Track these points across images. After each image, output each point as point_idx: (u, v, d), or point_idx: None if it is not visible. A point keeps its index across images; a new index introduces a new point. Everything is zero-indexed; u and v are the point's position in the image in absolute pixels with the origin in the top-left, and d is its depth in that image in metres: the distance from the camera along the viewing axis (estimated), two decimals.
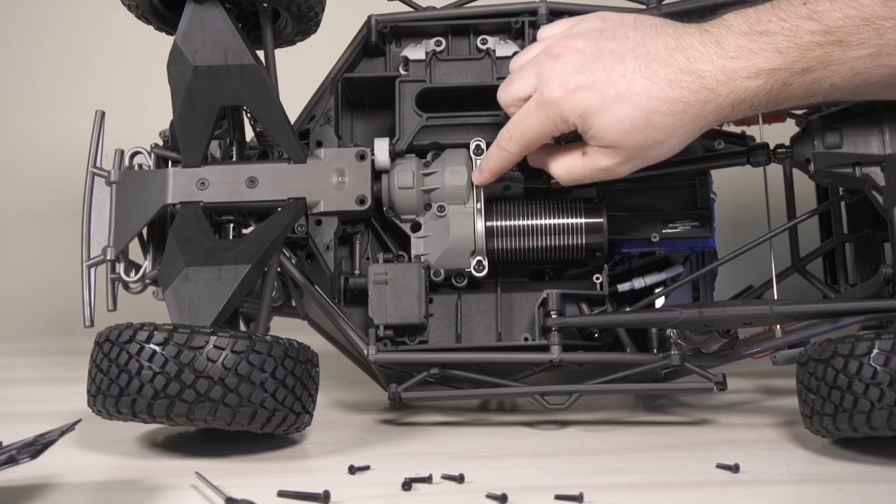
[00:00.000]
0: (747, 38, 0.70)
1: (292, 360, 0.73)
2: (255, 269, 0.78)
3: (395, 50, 0.89)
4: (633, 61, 0.72)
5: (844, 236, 0.95)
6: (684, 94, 0.71)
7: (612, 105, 0.72)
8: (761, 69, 0.70)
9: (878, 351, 0.66)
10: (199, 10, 0.83)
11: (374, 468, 0.70)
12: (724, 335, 0.83)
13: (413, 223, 0.84)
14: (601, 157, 0.75)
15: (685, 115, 0.72)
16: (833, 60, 0.69)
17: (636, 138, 0.73)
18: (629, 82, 0.72)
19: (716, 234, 0.86)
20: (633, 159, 0.75)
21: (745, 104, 0.72)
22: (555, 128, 0.75)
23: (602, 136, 0.73)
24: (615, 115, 0.72)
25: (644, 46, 0.73)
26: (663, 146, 0.74)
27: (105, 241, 0.83)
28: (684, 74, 0.71)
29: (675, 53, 0.72)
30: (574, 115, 0.73)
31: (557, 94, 0.74)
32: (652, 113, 0.72)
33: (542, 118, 0.75)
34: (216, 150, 0.89)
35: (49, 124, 1.43)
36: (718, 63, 0.71)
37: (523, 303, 0.84)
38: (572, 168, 0.77)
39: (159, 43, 0.90)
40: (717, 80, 0.71)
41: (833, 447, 0.73)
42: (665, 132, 0.73)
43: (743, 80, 0.70)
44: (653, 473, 0.69)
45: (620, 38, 0.74)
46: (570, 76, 0.74)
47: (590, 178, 0.77)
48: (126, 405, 0.70)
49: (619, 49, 0.73)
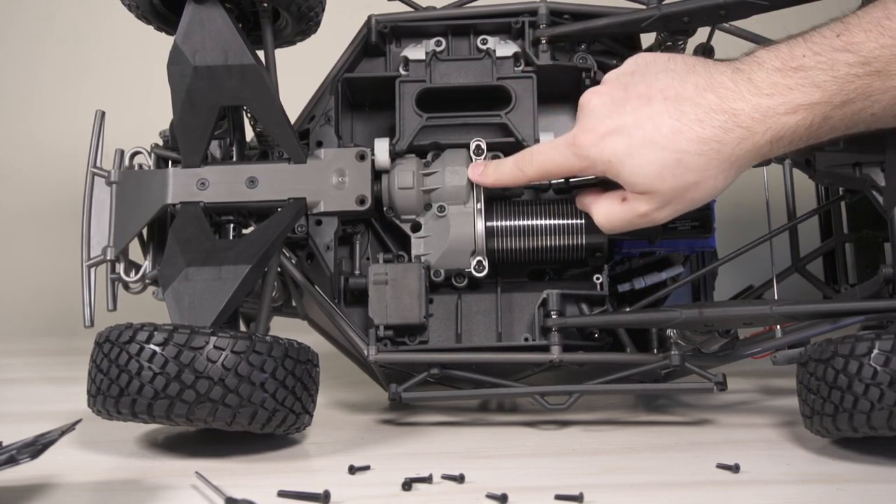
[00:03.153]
0: (781, 74, 0.69)
1: (292, 360, 0.72)
2: (255, 269, 0.78)
3: (395, 50, 0.89)
4: (660, 103, 0.72)
5: (844, 236, 0.95)
6: (716, 132, 0.70)
7: (640, 148, 0.71)
8: (799, 104, 0.69)
9: (878, 351, 0.66)
10: (199, 10, 0.83)
11: (374, 468, 0.70)
12: (724, 335, 0.83)
13: (413, 223, 0.84)
14: (638, 203, 0.74)
15: (719, 155, 0.70)
16: (873, 91, 0.68)
17: (669, 181, 0.72)
18: (657, 124, 0.71)
19: (716, 234, 0.86)
20: (670, 203, 0.73)
21: (785, 140, 0.70)
22: (580, 169, 0.75)
23: (633, 182, 0.73)
24: (644, 159, 0.71)
25: (673, 88, 0.72)
26: (701, 188, 0.72)
27: (105, 241, 0.83)
28: (715, 113, 0.70)
29: (706, 93, 0.71)
30: (602, 160, 0.73)
31: (588, 137, 0.74)
32: (682, 153, 0.71)
33: (569, 156, 0.75)
34: (216, 150, 0.89)
35: (49, 124, 1.43)
36: (752, 101, 0.70)
37: (523, 303, 0.84)
38: (612, 215, 0.76)
39: (159, 43, 0.90)
40: (752, 117, 0.70)
41: (833, 447, 0.73)
42: (699, 173, 0.71)
43: (780, 117, 0.69)
44: (653, 473, 0.69)
45: (650, 81, 0.73)
46: (600, 122, 0.73)
47: (630, 224, 0.76)
48: (126, 405, 0.70)
49: (647, 92, 0.73)
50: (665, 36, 0.88)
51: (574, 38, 0.87)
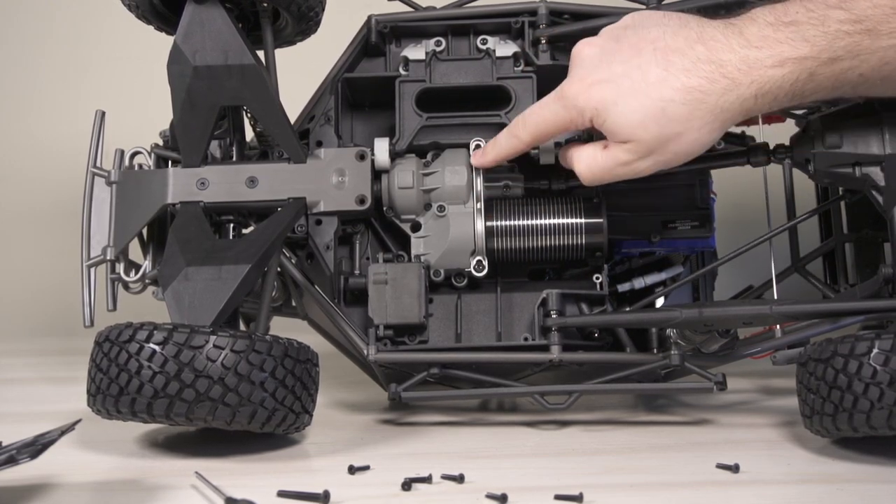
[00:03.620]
0: (773, 28, 0.70)
1: (292, 359, 0.72)
2: (255, 269, 0.78)
3: (395, 50, 0.89)
4: (650, 53, 0.72)
5: (844, 236, 0.95)
6: (701, 82, 0.71)
7: (627, 96, 0.72)
8: (786, 58, 0.69)
9: (877, 351, 0.66)
10: (199, 10, 0.83)
11: (374, 468, 0.70)
12: (724, 335, 0.83)
13: (413, 223, 0.84)
14: (620, 152, 0.74)
15: (703, 105, 0.71)
16: (862, 50, 0.68)
17: (652, 130, 0.72)
18: (644, 73, 0.72)
19: (716, 234, 0.86)
20: (652, 153, 0.73)
21: (770, 96, 0.71)
22: (570, 121, 0.75)
23: (617, 129, 0.73)
24: (628, 106, 0.72)
25: (664, 39, 0.73)
26: (683, 139, 0.72)
27: (105, 241, 0.83)
28: (702, 64, 0.71)
29: (695, 45, 0.71)
30: (590, 108, 0.73)
31: (575, 87, 0.74)
32: (666, 102, 0.71)
33: (558, 109, 0.75)
34: (216, 150, 0.89)
35: (49, 124, 1.43)
36: (740, 52, 0.70)
37: (523, 303, 0.84)
38: (594, 164, 0.76)
39: (159, 43, 0.90)
40: (739, 69, 0.70)
41: (833, 447, 0.73)
42: (682, 123, 0.72)
43: (767, 70, 0.70)
44: (653, 473, 0.69)
45: (642, 34, 0.74)
46: (589, 71, 0.74)
47: (612, 174, 0.76)
48: (126, 405, 0.70)
49: (638, 43, 0.73)
50: None
51: (574, 38, 0.86)
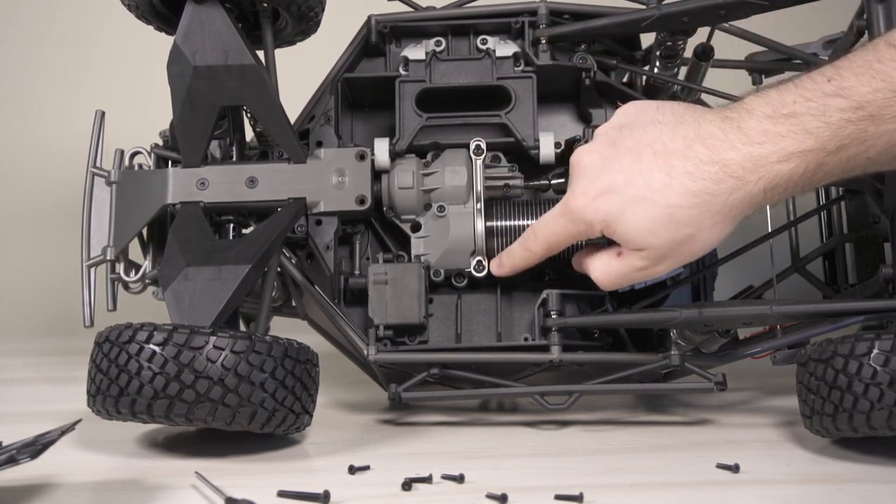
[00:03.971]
0: (772, 121, 0.68)
1: (292, 360, 0.72)
2: (255, 269, 0.78)
3: (395, 50, 0.89)
4: (650, 158, 0.71)
5: (844, 236, 0.95)
6: (706, 185, 0.69)
7: (633, 206, 0.71)
8: (792, 152, 0.67)
9: (878, 351, 0.66)
10: (199, 10, 0.83)
11: (374, 468, 0.70)
12: (724, 335, 0.83)
13: (413, 223, 0.84)
14: (634, 259, 0.73)
15: (712, 206, 0.69)
16: (868, 136, 0.66)
17: (663, 236, 0.71)
18: (647, 180, 0.70)
19: None
20: (667, 257, 0.72)
21: (779, 189, 0.69)
22: (580, 234, 0.75)
23: (628, 239, 0.72)
24: (636, 216, 0.71)
25: (662, 141, 0.71)
26: (696, 241, 0.71)
27: (105, 241, 0.83)
28: (705, 165, 0.69)
29: (695, 144, 0.70)
30: (598, 220, 0.72)
31: (580, 201, 0.73)
32: (673, 208, 0.70)
33: (566, 224, 0.75)
34: (216, 150, 0.89)
35: (49, 124, 1.43)
36: (743, 150, 0.68)
37: (523, 303, 0.84)
38: (610, 272, 0.75)
39: (159, 43, 0.90)
40: (744, 167, 0.68)
41: (833, 447, 0.73)
42: (692, 226, 0.70)
43: (773, 165, 0.67)
44: (653, 473, 0.69)
45: (638, 135, 0.72)
46: (591, 182, 0.73)
47: (628, 279, 0.75)
48: (126, 405, 0.70)
49: (636, 147, 0.72)
50: (665, 36, 0.88)
51: (574, 38, 0.87)
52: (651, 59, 0.91)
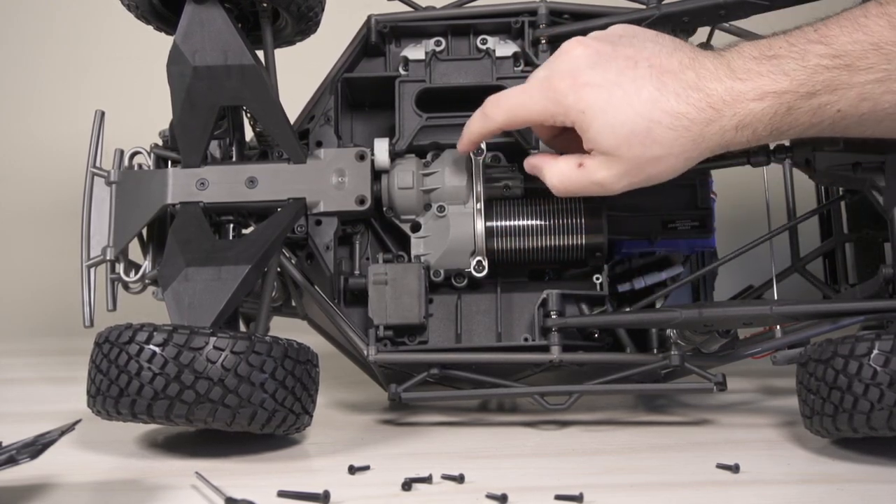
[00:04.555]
0: (756, 61, 0.70)
1: (292, 360, 0.72)
2: (254, 269, 0.77)
3: (395, 50, 0.89)
4: (645, 69, 0.72)
5: (844, 236, 0.95)
6: (689, 109, 0.71)
7: (617, 107, 0.71)
8: (766, 91, 0.70)
9: (878, 351, 0.66)
10: (199, 10, 0.83)
11: (374, 468, 0.70)
12: (724, 335, 0.83)
13: (413, 223, 0.84)
14: (597, 168, 0.73)
15: (687, 133, 0.71)
16: (840, 84, 0.69)
17: (635, 149, 0.71)
18: (637, 88, 0.71)
19: (716, 234, 0.86)
20: (629, 174, 0.73)
21: (749, 129, 0.71)
22: (551, 115, 0.74)
23: (600, 139, 0.72)
24: (616, 119, 0.71)
25: (659, 58, 0.72)
26: (661, 164, 0.72)
27: (105, 241, 0.83)
28: (692, 90, 0.71)
29: (687, 70, 0.72)
30: (576, 109, 0.72)
31: (566, 83, 0.73)
32: (654, 123, 0.71)
33: (541, 99, 0.74)
34: (216, 150, 0.89)
35: (49, 124, 1.43)
36: (726, 83, 0.70)
37: (523, 303, 0.84)
38: (567, 178, 0.75)
39: (159, 43, 0.90)
40: (724, 100, 0.70)
41: (833, 447, 0.73)
42: (665, 147, 0.71)
43: (748, 103, 0.70)
44: (653, 473, 0.69)
45: (638, 47, 0.73)
46: (581, 70, 0.73)
47: (583, 190, 0.75)
48: (125, 406, 0.69)
49: (634, 55, 0.73)
50: None
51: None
52: None
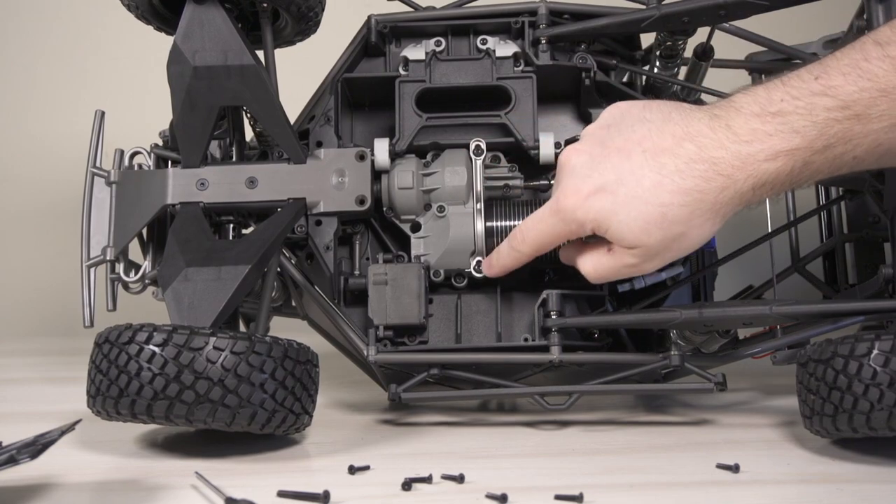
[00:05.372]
0: (760, 119, 0.68)
1: (292, 360, 0.72)
2: (254, 269, 0.78)
3: (395, 50, 0.89)
4: (639, 156, 0.71)
5: (844, 236, 0.95)
6: (697, 182, 0.69)
7: (625, 205, 0.70)
8: (779, 151, 0.67)
9: (877, 352, 0.66)
10: (199, 10, 0.83)
11: (374, 468, 0.70)
12: (724, 335, 0.83)
13: (413, 223, 0.84)
14: (626, 256, 0.73)
15: (702, 204, 0.69)
16: (854, 135, 0.66)
17: (655, 235, 0.71)
18: (638, 179, 0.70)
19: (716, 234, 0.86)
20: (658, 255, 0.72)
21: (767, 187, 0.69)
22: (570, 233, 0.74)
23: (621, 238, 0.72)
24: (629, 216, 0.70)
25: (651, 139, 0.71)
26: (687, 238, 0.71)
27: (105, 241, 0.83)
28: (695, 163, 0.69)
29: (684, 142, 0.70)
30: (589, 220, 0.72)
31: (571, 200, 0.73)
32: (665, 207, 0.70)
33: (556, 223, 0.74)
34: (216, 150, 0.89)
35: (49, 124, 1.43)
36: (731, 148, 0.68)
37: (523, 303, 0.84)
38: (600, 267, 0.75)
39: (159, 43, 0.90)
40: (733, 165, 0.68)
41: (833, 447, 0.73)
42: (684, 224, 0.70)
43: (760, 164, 0.68)
44: (653, 473, 0.69)
45: (627, 135, 0.72)
46: (582, 180, 0.72)
47: (619, 275, 0.75)
48: (125, 406, 0.69)
49: (625, 146, 0.72)
50: (665, 36, 0.88)
51: (574, 38, 0.87)
52: (651, 59, 0.91)
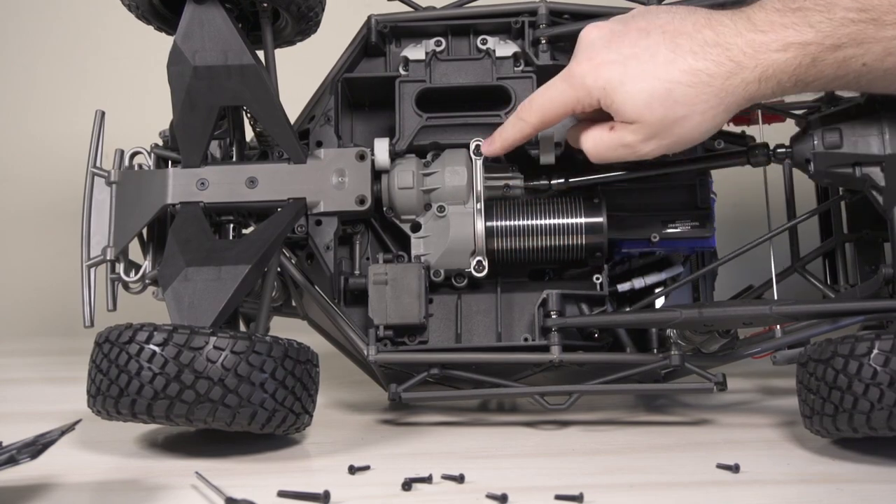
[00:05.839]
0: (780, 13, 0.71)
1: (292, 360, 0.72)
2: (255, 269, 0.78)
3: (395, 50, 0.89)
4: (658, 35, 0.73)
5: (844, 236, 0.95)
6: (708, 65, 0.71)
7: (634, 77, 0.72)
8: (790, 42, 0.70)
9: (877, 351, 0.66)
10: (199, 10, 0.83)
11: (374, 468, 0.70)
12: (724, 335, 0.83)
13: (413, 223, 0.84)
14: (625, 132, 0.74)
15: (708, 88, 0.72)
16: (866, 38, 0.69)
17: (657, 111, 0.72)
18: (652, 54, 0.72)
19: (716, 234, 0.86)
20: (657, 136, 0.74)
21: (773, 80, 0.71)
22: (577, 100, 0.75)
23: (623, 110, 0.73)
24: (635, 87, 0.72)
25: (673, 24, 0.74)
26: (687, 123, 0.73)
27: (105, 241, 0.83)
28: (709, 47, 0.72)
29: (703, 29, 0.72)
30: (597, 87, 0.74)
31: (584, 66, 0.75)
32: (673, 83, 0.72)
33: (566, 89, 0.76)
34: (216, 150, 0.89)
35: (49, 124, 1.43)
36: (747, 36, 0.71)
37: (523, 303, 0.84)
38: (600, 143, 0.76)
39: (159, 43, 0.90)
40: (744, 52, 0.71)
41: (833, 447, 0.73)
42: (687, 105, 0.72)
43: (771, 53, 0.70)
44: (653, 473, 0.69)
45: (650, 19, 0.75)
46: (597, 52, 0.75)
47: (615, 153, 0.76)
48: (126, 406, 0.70)
49: (646, 27, 0.74)
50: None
51: (574, 38, 0.86)
52: None
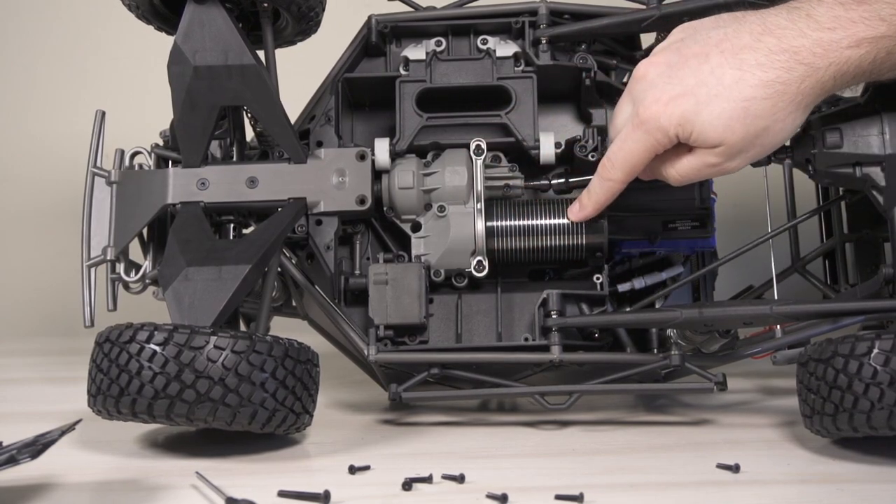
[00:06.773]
0: (844, 7, 0.69)
1: (292, 360, 0.73)
2: (255, 269, 0.78)
3: (396, 50, 0.89)
4: (718, 56, 0.71)
5: (844, 236, 0.95)
6: (779, 74, 0.70)
7: (707, 105, 0.71)
8: (863, 38, 0.68)
9: (878, 351, 0.66)
10: (200, 10, 0.83)
11: (374, 468, 0.70)
12: (724, 335, 0.83)
13: (413, 223, 0.84)
14: (708, 156, 0.73)
15: (784, 96, 0.70)
16: None
17: (738, 132, 0.71)
18: (718, 77, 0.71)
19: (716, 234, 0.86)
20: (742, 152, 0.73)
21: (849, 76, 0.70)
22: (657, 144, 0.74)
23: (704, 138, 0.72)
24: (711, 114, 0.71)
25: (728, 40, 0.72)
26: (771, 133, 0.72)
27: (105, 241, 0.83)
28: (775, 55, 0.70)
29: (763, 37, 0.70)
30: (673, 125, 0.72)
31: (653, 109, 0.73)
32: (748, 101, 0.70)
33: (641, 137, 0.74)
34: (216, 150, 0.89)
35: (49, 124, 1.43)
36: (813, 36, 0.69)
37: (523, 303, 0.84)
38: (682, 168, 0.75)
39: (159, 43, 0.90)
40: (814, 53, 0.69)
41: (833, 447, 0.73)
42: (767, 118, 0.71)
43: (843, 51, 0.68)
44: (653, 473, 0.69)
45: (703, 40, 0.73)
46: (662, 90, 0.73)
47: (701, 175, 0.75)
48: (126, 405, 0.70)
49: (702, 50, 0.72)
50: (665, 36, 0.87)
51: (574, 38, 0.87)
52: None
